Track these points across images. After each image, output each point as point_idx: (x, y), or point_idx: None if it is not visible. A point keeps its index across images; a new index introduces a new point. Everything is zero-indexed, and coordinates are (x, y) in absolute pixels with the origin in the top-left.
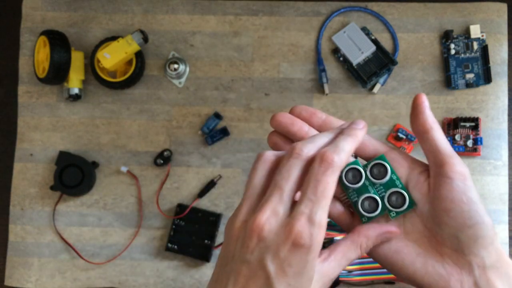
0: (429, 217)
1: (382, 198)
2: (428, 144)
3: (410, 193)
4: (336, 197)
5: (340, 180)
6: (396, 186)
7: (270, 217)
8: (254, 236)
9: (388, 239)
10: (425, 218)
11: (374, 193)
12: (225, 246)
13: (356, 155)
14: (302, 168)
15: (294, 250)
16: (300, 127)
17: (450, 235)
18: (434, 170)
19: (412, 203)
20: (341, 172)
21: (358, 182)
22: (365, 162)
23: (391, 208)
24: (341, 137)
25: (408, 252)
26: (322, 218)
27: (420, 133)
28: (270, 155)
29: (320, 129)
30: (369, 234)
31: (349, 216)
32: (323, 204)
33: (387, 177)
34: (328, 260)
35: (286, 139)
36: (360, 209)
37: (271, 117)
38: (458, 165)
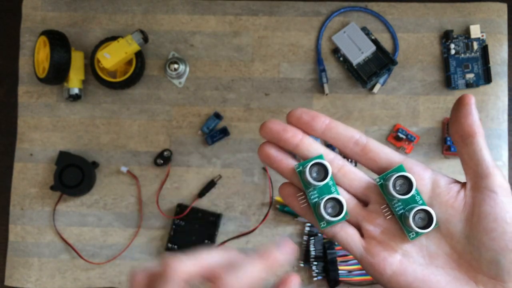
0: (462, 238)
1: (400, 217)
2: (472, 150)
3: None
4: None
5: (301, 176)
6: (416, 202)
7: None
8: None
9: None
10: (455, 239)
11: (337, 193)
12: None
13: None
14: None
15: None
16: (294, 134)
17: (488, 260)
18: (474, 182)
19: (436, 223)
20: (304, 167)
21: (322, 180)
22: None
23: (413, 227)
24: (249, 259)
25: (437, 280)
26: None
27: (464, 137)
28: (140, 277)
29: (323, 135)
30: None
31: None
32: None
33: (411, 193)
34: None
35: (280, 150)
36: (323, 212)
37: (261, 126)
38: (502, 178)
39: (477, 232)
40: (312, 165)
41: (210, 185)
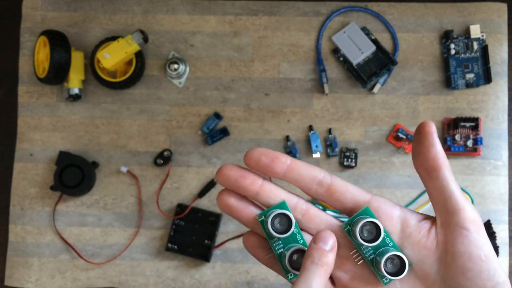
0: (438, 279)
1: (371, 261)
2: (439, 184)
3: (403, 251)
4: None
5: (263, 227)
6: (387, 245)
7: None
8: None
9: None
10: (430, 281)
11: (303, 244)
12: None
13: (325, 207)
14: None
15: None
16: (253, 180)
17: None
18: (444, 218)
19: (410, 264)
20: (266, 218)
21: (286, 231)
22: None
23: (385, 274)
24: (311, 269)
25: None
26: None
27: (429, 171)
28: None
29: (284, 177)
30: None
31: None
32: None
33: (379, 240)
34: None
35: (240, 198)
36: (287, 264)
37: (217, 172)
38: (472, 212)
39: (453, 272)
40: (275, 216)
41: (210, 185)
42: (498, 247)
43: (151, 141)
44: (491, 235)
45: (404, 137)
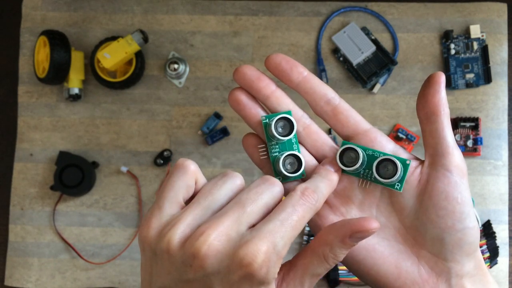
0: (412, 213)
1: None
2: (434, 129)
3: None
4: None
5: (265, 129)
6: (376, 158)
7: (221, 236)
8: (198, 257)
9: (363, 238)
10: (405, 214)
11: (298, 151)
12: (154, 265)
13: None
14: (274, 199)
15: (245, 278)
16: (267, 84)
17: (433, 237)
18: (432, 160)
19: (403, 178)
20: (271, 121)
21: (287, 135)
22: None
23: (377, 177)
24: (318, 178)
25: (380, 251)
26: (285, 249)
27: (428, 115)
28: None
29: (297, 87)
30: (329, 240)
31: None
32: (291, 235)
33: (358, 164)
34: (287, 281)
35: (251, 98)
36: (281, 166)
37: (235, 69)
38: (459, 159)
39: (427, 208)
40: (279, 119)
41: None
42: (498, 247)
43: (151, 141)
44: (491, 235)
45: (404, 137)
